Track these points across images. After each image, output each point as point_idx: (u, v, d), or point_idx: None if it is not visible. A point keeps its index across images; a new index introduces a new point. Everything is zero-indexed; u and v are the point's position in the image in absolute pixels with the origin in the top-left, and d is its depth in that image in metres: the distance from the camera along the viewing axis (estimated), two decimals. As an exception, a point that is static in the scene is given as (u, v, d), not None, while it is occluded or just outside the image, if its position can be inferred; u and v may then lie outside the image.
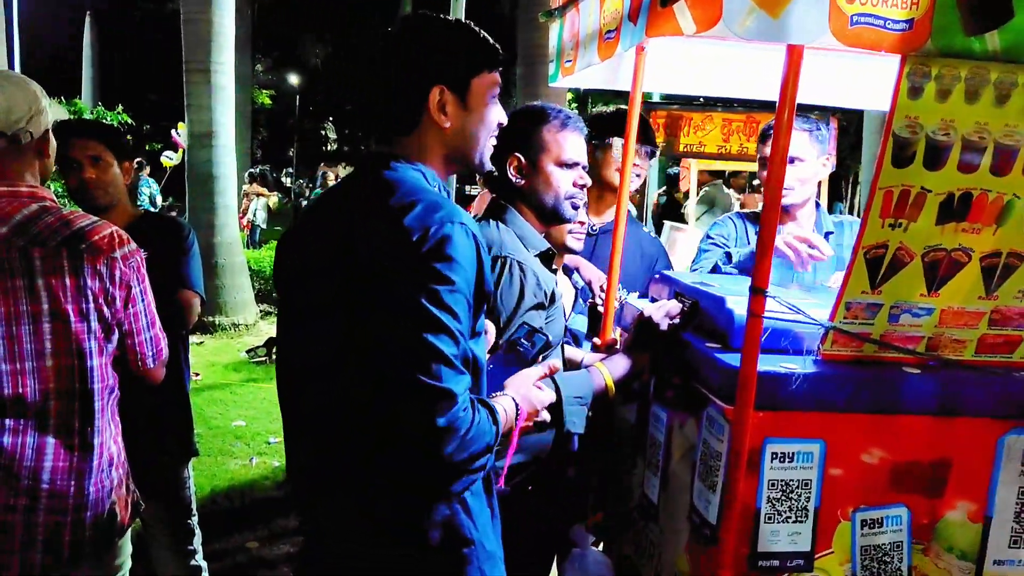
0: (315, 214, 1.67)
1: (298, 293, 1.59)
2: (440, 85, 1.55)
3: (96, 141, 2.68)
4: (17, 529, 1.85)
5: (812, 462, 1.68)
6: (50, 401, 1.89)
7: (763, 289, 1.59)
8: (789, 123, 1.57)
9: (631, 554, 2.20)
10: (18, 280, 1.84)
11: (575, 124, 2.20)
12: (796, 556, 1.70)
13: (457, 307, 1.38)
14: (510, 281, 2.00)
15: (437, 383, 1.35)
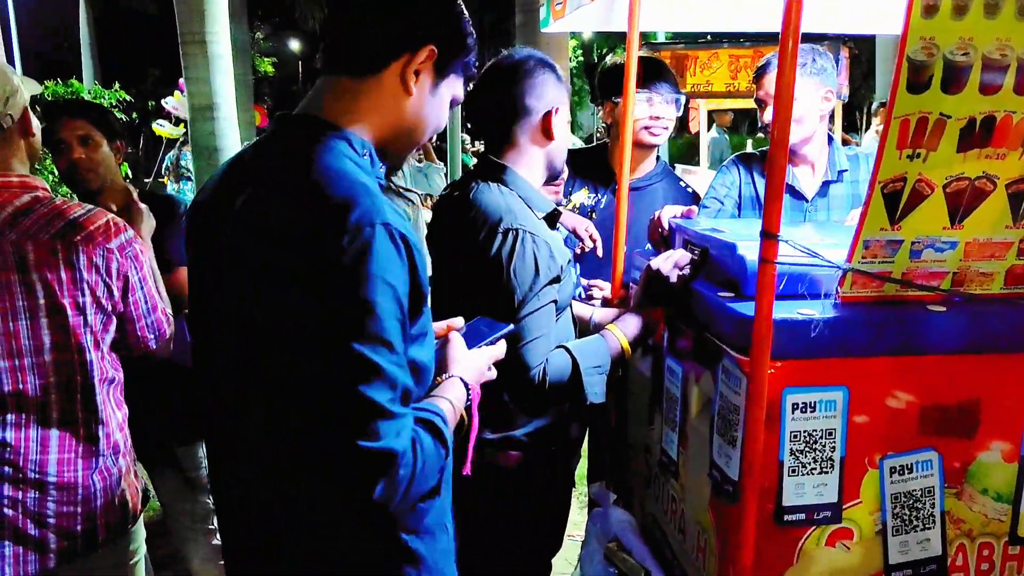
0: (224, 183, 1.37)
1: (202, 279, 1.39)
2: (433, 47, 1.33)
3: (84, 120, 2.60)
4: (27, 523, 1.83)
5: (835, 410, 1.61)
6: (51, 395, 1.85)
7: (774, 233, 1.51)
8: (794, 55, 1.46)
9: (653, 511, 2.15)
10: (12, 275, 1.79)
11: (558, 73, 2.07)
12: (823, 508, 1.64)
13: (391, 334, 1.17)
14: (523, 256, 1.86)
15: (374, 444, 1.14)
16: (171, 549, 3.02)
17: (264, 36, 28.04)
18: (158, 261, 2.57)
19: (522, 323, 1.85)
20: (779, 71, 1.48)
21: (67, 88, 6.78)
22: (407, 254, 1.20)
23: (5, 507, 1.82)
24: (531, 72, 1.99)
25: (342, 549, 1.32)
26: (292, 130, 1.34)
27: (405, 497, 1.21)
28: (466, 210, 1.94)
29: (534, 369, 1.84)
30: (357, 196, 1.18)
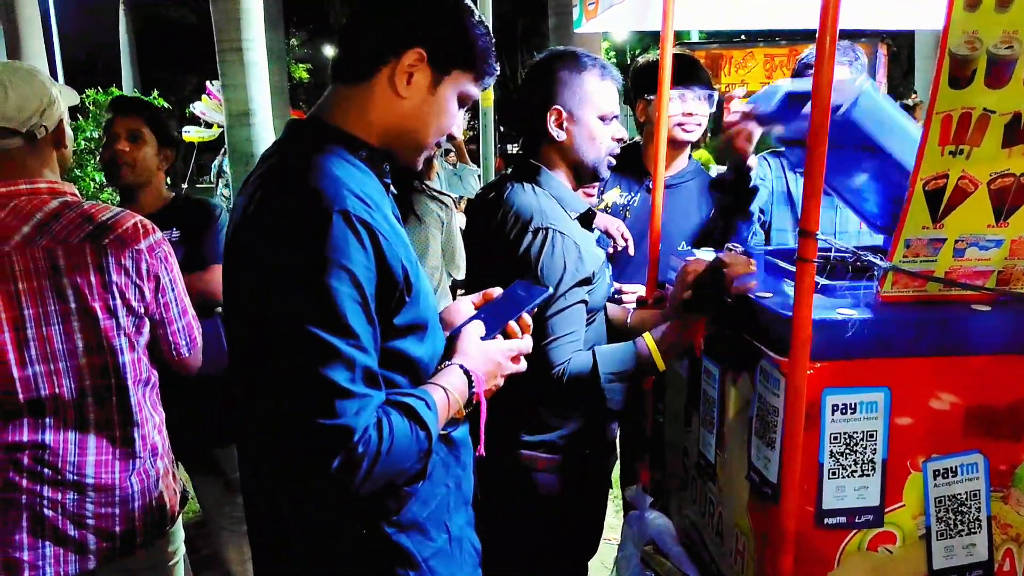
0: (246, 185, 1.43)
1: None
2: (421, 50, 1.35)
3: (137, 117, 2.69)
4: (67, 524, 1.86)
5: (876, 412, 1.58)
6: (87, 398, 1.88)
7: (813, 232, 1.48)
8: (831, 52, 1.44)
9: (690, 513, 2.13)
10: (44, 280, 1.82)
11: (612, 74, 2.03)
12: (865, 511, 1.61)
13: (348, 317, 1.20)
14: (552, 252, 1.85)
15: (331, 421, 1.18)
16: (212, 550, 3.05)
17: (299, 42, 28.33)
18: (194, 262, 2.61)
19: (549, 322, 1.84)
20: (816, 68, 1.46)
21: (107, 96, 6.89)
22: (371, 242, 1.23)
23: (45, 508, 1.85)
24: (556, 71, 1.97)
25: (331, 543, 1.35)
26: (296, 132, 1.40)
27: (369, 476, 1.22)
28: (499, 210, 1.94)
29: (556, 368, 1.84)
30: (319, 187, 1.23)
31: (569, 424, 2.01)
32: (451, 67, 1.39)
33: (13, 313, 1.80)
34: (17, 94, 1.83)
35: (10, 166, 1.86)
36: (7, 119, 1.82)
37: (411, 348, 1.35)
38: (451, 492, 1.46)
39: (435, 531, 1.42)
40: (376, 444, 1.22)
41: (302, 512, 1.34)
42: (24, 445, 1.84)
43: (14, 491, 1.84)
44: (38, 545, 1.85)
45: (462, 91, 1.42)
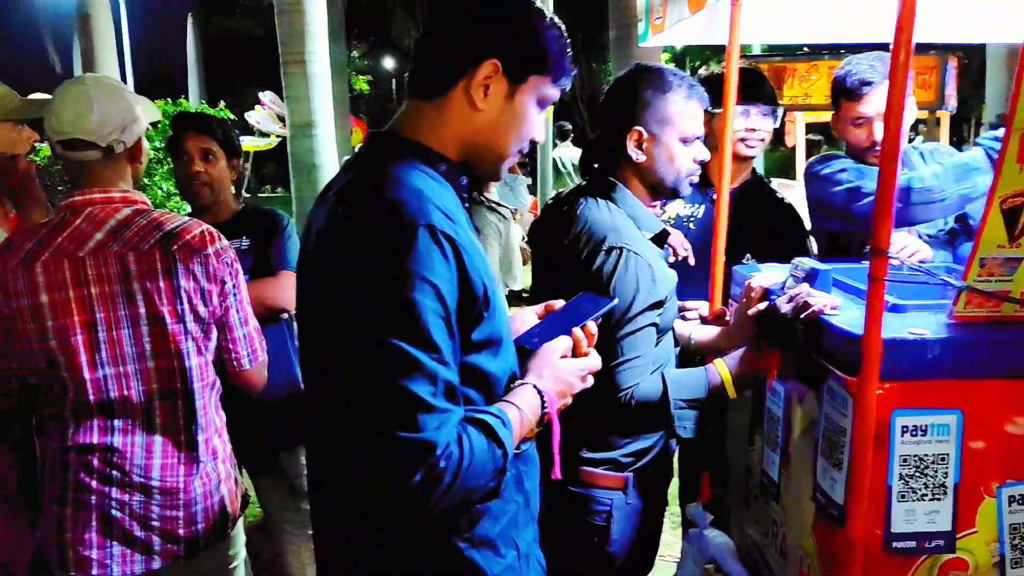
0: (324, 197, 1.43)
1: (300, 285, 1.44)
2: (496, 61, 1.32)
3: (208, 136, 2.73)
4: (134, 525, 1.91)
5: (948, 435, 1.54)
6: (154, 401, 1.92)
7: (884, 250, 1.46)
8: (906, 66, 1.42)
9: (752, 533, 2.10)
10: (115, 285, 1.87)
11: (699, 93, 1.99)
12: (935, 536, 1.57)
13: (431, 331, 1.19)
14: (625, 273, 1.83)
15: (413, 435, 1.17)
16: (273, 554, 3.09)
17: (360, 54, 28.77)
18: (261, 271, 2.66)
19: (619, 344, 1.82)
20: (891, 82, 1.43)
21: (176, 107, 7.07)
22: (454, 256, 1.23)
23: (113, 509, 1.90)
24: (640, 90, 1.95)
25: (403, 556, 1.34)
26: (375, 147, 1.40)
27: (448, 492, 1.21)
28: (571, 224, 1.93)
29: (623, 390, 1.82)
30: (403, 200, 1.23)
31: (633, 443, 2.00)
32: (527, 74, 1.37)
33: (86, 317, 1.86)
34: (101, 110, 1.89)
35: (87, 175, 1.93)
36: (87, 133, 1.89)
37: (486, 363, 1.34)
38: (520, 509, 1.46)
39: (505, 548, 1.41)
40: (457, 460, 1.21)
41: (374, 524, 1.35)
42: (94, 447, 1.89)
43: (85, 492, 1.89)
44: (106, 544, 1.90)
45: (541, 95, 1.40)
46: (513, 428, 1.33)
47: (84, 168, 1.92)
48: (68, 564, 1.89)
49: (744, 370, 1.84)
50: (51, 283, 1.85)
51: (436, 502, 1.22)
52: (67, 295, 1.85)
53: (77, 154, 1.90)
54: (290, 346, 2.81)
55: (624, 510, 2.01)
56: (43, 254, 1.86)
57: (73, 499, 1.89)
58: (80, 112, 1.88)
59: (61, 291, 1.85)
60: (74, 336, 1.85)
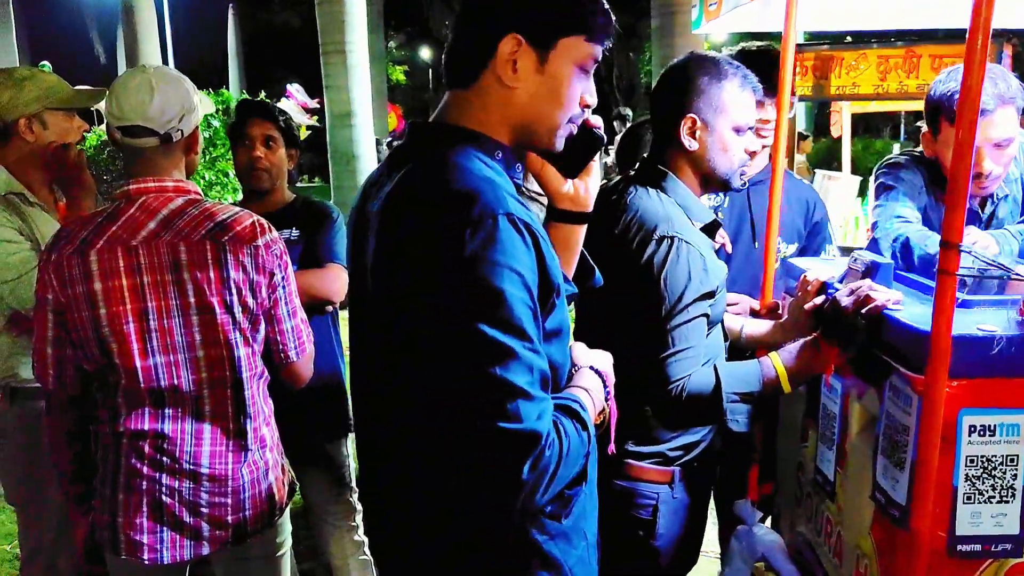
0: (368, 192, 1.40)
1: (354, 285, 1.41)
2: (516, 34, 1.26)
3: (271, 123, 2.75)
4: (183, 510, 1.92)
5: (1018, 435, 1.49)
6: (204, 390, 1.93)
7: (956, 243, 1.40)
8: (983, 51, 1.36)
9: (805, 531, 2.05)
10: (167, 274, 1.88)
11: (752, 83, 1.94)
12: (1003, 540, 1.52)
13: (522, 320, 1.15)
14: (676, 262, 1.80)
15: (517, 426, 1.13)
16: (312, 542, 3.11)
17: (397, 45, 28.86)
18: (310, 262, 2.66)
19: (670, 335, 1.79)
20: (966, 70, 1.38)
21: (218, 97, 7.12)
22: (533, 244, 1.20)
23: (164, 495, 1.91)
24: (695, 77, 1.91)
25: (481, 554, 1.31)
26: (424, 136, 1.37)
27: (552, 481, 1.19)
28: (620, 214, 1.90)
29: (674, 383, 1.78)
30: (479, 189, 1.19)
31: (680, 437, 1.96)
32: (555, 38, 1.29)
33: (138, 305, 1.87)
34: (162, 98, 1.91)
35: (142, 163, 1.94)
36: (147, 119, 1.90)
37: (555, 353, 1.31)
38: (587, 498, 1.44)
39: (577, 538, 1.39)
40: (558, 447, 1.18)
41: (452, 524, 1.31)
42: (146, 433, 1.91)
43: (136, 477, 1.91)
44: (157, 529, 1.92)
45: (579, 57, 1.32)
46: (588, 410, 1.32)
47: (142, 156, 1.93)
48: (120, 547, 1.92)
49: (800, 366, 1.79)
50: (105, 271, 1.86)
51: (543, 493, 1.19)
52: (120, 283, 1.87)
53: (136, 140, 1.91)
54: (335, 338, 2.82)
55: (670, 504, 1.98)
56: (97, 242, 1.87)
57: (125, 484, 1.92)
58: (142, 99, 1.89)
59: (114, 279, 1.86)
60: (126, 324, 1.87)
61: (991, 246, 2.05)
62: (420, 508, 1.33)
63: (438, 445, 1.23)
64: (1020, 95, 2.12)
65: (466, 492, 1.24)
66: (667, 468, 1.97)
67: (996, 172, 2.14)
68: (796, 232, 2.64)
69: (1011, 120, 2.09)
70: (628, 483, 1.96)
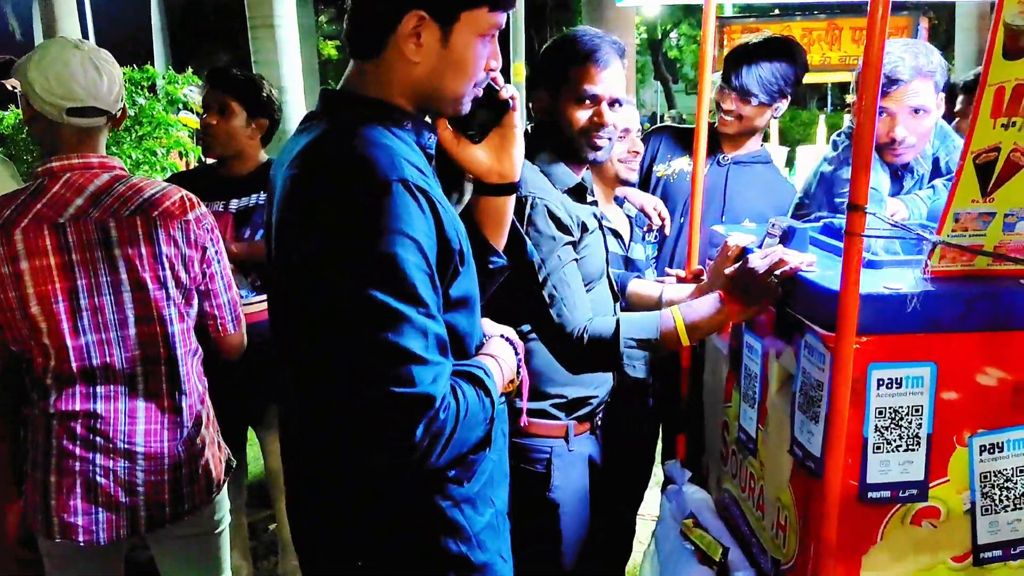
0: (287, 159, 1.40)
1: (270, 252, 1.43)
2: (418, 11, 1.27)
3: (223, 91, 2.78)
4: (118, 490, 1.91)
5: (922, 387, 1.58)
6: (137, 367, 1.92)
7: (861, 205, 1.47)
8: (884, 20, 1.42)
9: (731, 488, 2.14)
10: (96, 251, 1.86)
11: (602, 56, 1.99)
12: (909, 486, 1.61)
13: (416, 285, 1.18)
14: (534, 220, 1.90)
15: (409, 390, 1.16)
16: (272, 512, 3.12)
17: (328, 19, 28.30)
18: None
19: (548, 285, 1.87)
20: (868, 40, 1.44)
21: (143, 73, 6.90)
22: (431, 210, 1.22)
23: (99, 475, 1.90)
24: (547, 57, 2.08)
25: (384, 518, 1.35)
26: (332, 106, 1.38)
27: (448, 444, 1.21)
28: None
29: (573, 326, 1.87)
30: (374, 156, 1.21)
31: (564, 389, 2.06)
32: (457, 12, 1.30)
33: (67, 284, 1.85)
34: (108, 76, 1.90)
35: (79, 142, 1.92)
36: (99, 99, 1.90)
37: (460, 322, 1.35)
38: (495, 465, 1.48)
39: (483, 505, 1.43)
40: (455, 411, 1.21)
41: (355, 489, 1.34)
42: (77, 414, 1.89)
43: (69, 458, 1.89)
44: (91, 510, 1.91)
45: (481, 28, 1.33)
46: (494, 377, 1.35)
47: (84, 134, 1.91)
48: (54, 530, 1.90)
49: (700, 320, 1.85)
50: (31, 249, 1.83)
51: (438, 456, 1.21)
52: (48, 262, 1.84)
53: (86, 120, 1.90)
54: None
55: (565, 458, 2.07)
56: (22, 221, 1.84)
57: (57, 466, 1.90)
58: (92, 78, 1.89)
59: (42, 257, 1.84)
60: (56, 303, 1.84)
61: (900, 210, 2.15)
62: (326, 474, 1.36)
63: (337, 410, 1.25)
64: (941, 72, 2.21)
65: (364, 455, 1.27)
66: (559, 423, 2.06)
67: (910, 141, 2.23)
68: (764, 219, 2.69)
69: (927, 92, 2.18)
70: (521, 439, 2.03)
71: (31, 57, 1.89)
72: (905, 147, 2.25)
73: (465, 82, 1.36)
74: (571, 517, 2.10)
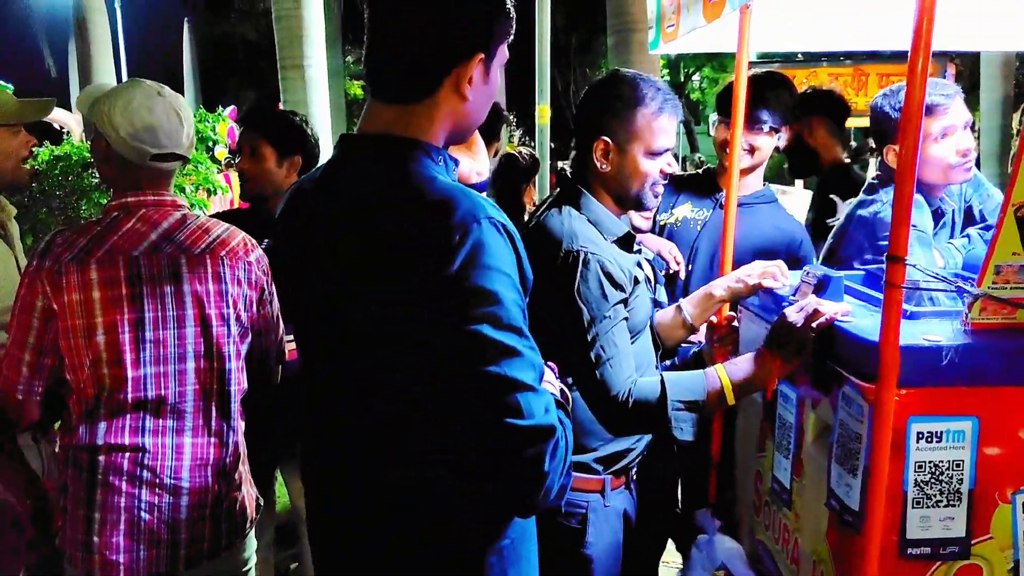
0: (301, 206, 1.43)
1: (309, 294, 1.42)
2: (480, 52, 1.30)
3: (254, 133, 2.80)
4: (161, 527, 1.91)
5: (964, 441, 1.55)
6: (189, 403, 1.94)
7: (901, 257, 1.46)
8: (924, 73, 1.42)
9: (764, 539, 2.10)
10: (166, 286, 1.90)
11: (672, 106, 1.95)
12: (950, 543, 1.57)
13: (518, 319, 1.20)
14: (586, 274, 1.82)
15: (532, 422, 1.17)
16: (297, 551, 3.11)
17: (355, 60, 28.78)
18: None
19: (597, 344, 1.82)
20: (908, 91, 1.44)
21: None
22: (512, 245, 1.24)
23: (143, 511, 1.89)
24: (611, 99, 1.94)
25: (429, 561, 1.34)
26: (368, 150, 1.36)
27: (563, 470, 1.23)
28: (529, 236, 1.91)
29: (618, 389, 1.80)
30: (456, 197, 1.22)
31: (605, 446, 1.99)
32: (496, 49, 1.35)
33: (135, 315, 1.88)
34: (187, 124, 1.98)
35: (153, 181, 1.97)
36: (180, 146, 1.96)
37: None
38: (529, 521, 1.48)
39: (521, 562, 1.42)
40: (565, 437, 1.23)
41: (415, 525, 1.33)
42: (125, 447, 1.89)
43: (114, 494, 1.88)
44: (133, 548, 1.89)
45: (503, 59, 1.38)
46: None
47: (159, 175, 1.97)
48: (94, 567, 1.87)
49: (745, 377, 1.81)
50: (105, 280, 1.87)
51: (559, 485, 1.23)
52: (120, 292, 1.88)
53: (167, 165, 1.96)
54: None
55: (601, 513, 2.00)
56: (98, 251, 1.88)
57: (101, 502, 1.88)
58: (175, 127, 1.95)
59: (114, 288, 1.87)
60: (122, 333, 1.87)
61: (936, 259, 2.14)
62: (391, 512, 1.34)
63: (447, 447, 1.26)
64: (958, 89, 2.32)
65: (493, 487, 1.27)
66: (597, 477, 2.00)
67: (973, 147, 2.30)
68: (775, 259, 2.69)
69: (959, 108, 2.28)
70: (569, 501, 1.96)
71: (112, 101, 1.92)
72: (972, 159, 2.30)
73: (486, 111, 1.42)
74: (604, 573, 2.06)
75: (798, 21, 2.65)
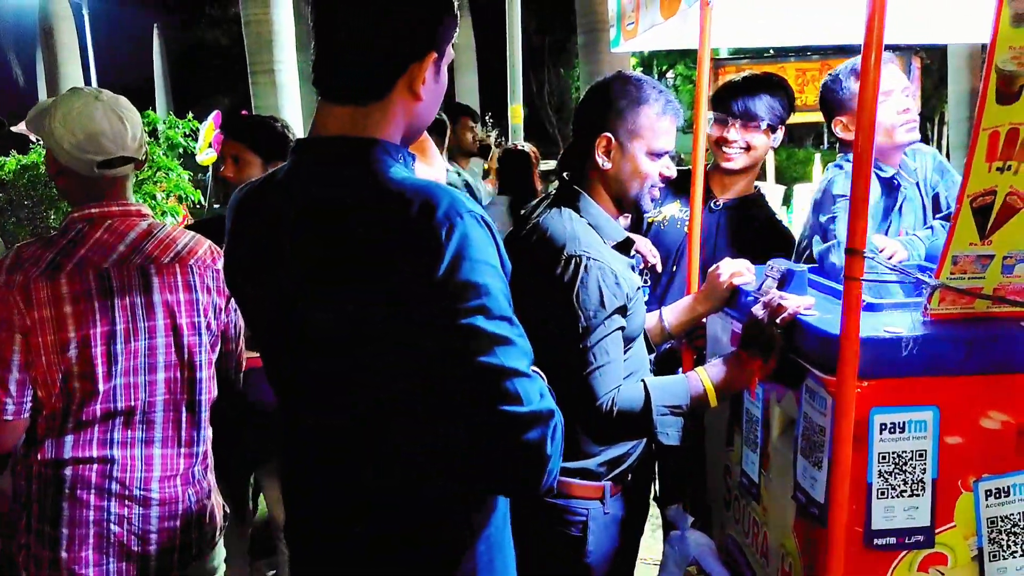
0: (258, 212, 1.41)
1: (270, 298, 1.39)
2: (432, 51, 1.31)
3: (235, 140, 2.78)
4: (131, 539, 1.89)
5: (926, 431, 1.56)
6: (159, 413, 1.92)
7: (860, 250, 1.47)
8: (877, 66, 1.44)
9: (734, 533, 2.11)
10: (136, 297, 1.88)
11: (674, 110, 1.96)
12: (915, 532, 1.59)
13: (507, 311, 1.21)
14: (587, 280, 1.81)
15: (530, 408, 1.18)
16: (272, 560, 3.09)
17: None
18: None
19: (589, 352, 1.80)
20: (862, 83, 1.45)
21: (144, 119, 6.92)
22: (491, 234, 1.25)
23: (112, 523, 1.87)
24: (615, 97, 1.93)
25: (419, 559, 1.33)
26: (327, 152, 1.35)
27: (560, 453, 1.23)
28: (529, 235, 1.92)
29: (602, 398, 1.79)
30: (434, 193, 1.22)
31: (606, 451, 1.98)
32: (445, 48, 1.36)
33: (107, 328, 1.85)
34: (131, 124, 1.92)
35: (110, 190, 1.93)
36: (127, 148, 1.91)
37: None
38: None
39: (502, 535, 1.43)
40: (560, 420, 1.23)
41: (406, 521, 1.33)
42: (93, 460, 1.86)
43: (82, 508, 1.85)
44: (103, 561, 1.87)
45: (450, 57, 1.40)
46: None
47: (112, 183, 1.93)
48: None
49: (726, 380, 1.81)
50: (76, 294, 1.84)
51: (557, 468, 1.23)
52: (92, 305, 1.85)
53: (116, 171, 1.92)
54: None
55: (601, 520, 1.98)
56: (67, 265, 1.84)
57: (69, 517, 1.85)
58: (118, 130, 1.90)
59: (86, 301, 1.84)
60: (95, 347, 1.84)
61: (899, 251, 2.15)
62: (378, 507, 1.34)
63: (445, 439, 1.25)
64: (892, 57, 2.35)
65: (491, 479, 1.28)
66: (596, 483, 1.97)
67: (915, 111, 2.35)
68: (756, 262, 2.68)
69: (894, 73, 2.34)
70: (557, 499, 1.95)
71: (52, 113, 1.89)
72: (915, 118, 2.35)
73: (437, 108, 1.42)
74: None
75: (765, 17, 2.66)
